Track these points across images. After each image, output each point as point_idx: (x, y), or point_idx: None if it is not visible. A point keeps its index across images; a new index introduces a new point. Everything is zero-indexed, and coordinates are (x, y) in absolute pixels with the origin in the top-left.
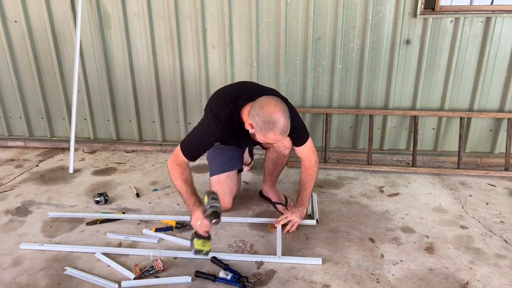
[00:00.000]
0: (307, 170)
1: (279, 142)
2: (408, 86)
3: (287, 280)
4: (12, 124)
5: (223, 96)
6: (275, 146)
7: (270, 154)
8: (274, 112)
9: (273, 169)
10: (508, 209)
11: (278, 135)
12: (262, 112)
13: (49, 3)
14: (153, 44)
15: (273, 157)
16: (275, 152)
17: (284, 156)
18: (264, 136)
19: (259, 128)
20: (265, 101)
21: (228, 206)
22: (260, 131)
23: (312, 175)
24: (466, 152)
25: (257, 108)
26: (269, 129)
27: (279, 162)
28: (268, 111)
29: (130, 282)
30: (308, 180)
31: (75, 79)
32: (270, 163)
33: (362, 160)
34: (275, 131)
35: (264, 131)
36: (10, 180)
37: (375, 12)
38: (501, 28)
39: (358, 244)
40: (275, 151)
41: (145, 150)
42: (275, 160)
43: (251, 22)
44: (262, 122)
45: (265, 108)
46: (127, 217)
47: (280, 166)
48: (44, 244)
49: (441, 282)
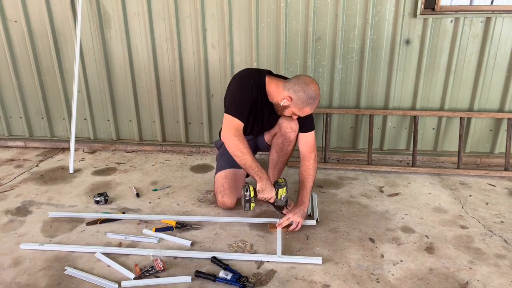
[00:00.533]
0: (306, 163)
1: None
2: (408, 86)
3: (287, 280)
4: (12, 124)
5: (254, 70)
6: (282, 128)
7: (276, 139)
8: (316, 89)
9: (277, 159)
10: (508, 209)
11: (312, 110)
12: (307, 88)
13: (49, 3)
14: (153, 44)
15: (279, 142)
16: (281, 136)
17: (290, 142)
18: (300, 110)
19: (301, 102)
20: (309, 80)
21: (232, 205)
22: (300, 105)
23: (311, 169)
24: (466, 152)
25: (302, 84)
26: (309, 103)
27: (284, 150)
28: (312, 88)
29: (130, 282)
30: (307, 174)
31: (75, 79)
32: (275, 152)
33: (362, 160)
34: (313, 106)
35: (304, 105)
36: (10, 180)
37: (375, 12)
38: (501, 28)
39: (358, 244)
40: (282, 134)
41: (145, 150)
42: (281, 146)
43: (251, 22)
44: (306, 97)
45: (310, 85)
46: (127, 217)
47: (285, 156)
48: (44, 244)
49: (441, 282)
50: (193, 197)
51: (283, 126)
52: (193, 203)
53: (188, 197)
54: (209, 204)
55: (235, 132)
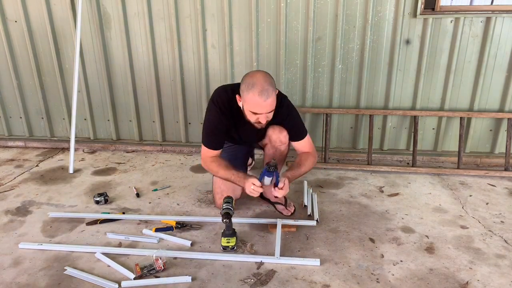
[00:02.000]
0: (303, 154)
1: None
2: (408, 86)
3: (287, 280)
4: (12, 124)
5: (222, 87)
6: (272, 141)
7: (267, 151)
8: (255, 75)
9: None
10: (508, 209)
11: (257, 96)
12: (245, 78)
13: (49, 3)
14: (153, 44)
15: (270, 154)
16: (272, 148)
17: (281, 153)
18: (247, 102)
19: (243, 93)
20: (252, 71)
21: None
22: (244, 97)
23: (310, 159)
24: (466, 152)
25: (244, 77)
26: (249, 90)
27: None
28: (250, 75)
29: (130, 282)
30: (304, 159)
31: (75, 79)
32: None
33: (362, 160)
34: (254, 90)
35: (245, 94)
36: (10, 180)
37: (375, 12)
38: (501, 28)
39: (358, 244)
40: (272, 146)
41: (145, 150)
42: (273, 155)
43: (251, 22)
44: (245, 85)
45: (248, 74)
46: (127, 218)
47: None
48: (43, 244)
49: (441, 282)
50: (193, 197)
51: (272, 140)
52: (193, 203)
53: (188, 197)
54: (209, 204)
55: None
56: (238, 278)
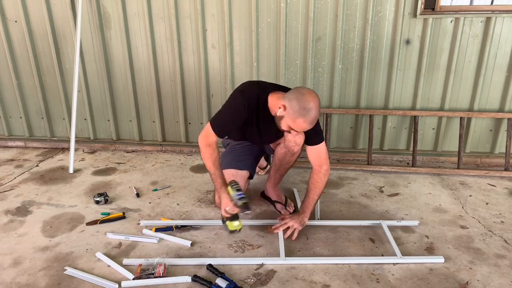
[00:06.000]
0: (314, 176)
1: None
2: (408, 86)
3: (287, 280)
4: (12, 124)
5: (253, 82)
6: (286, 141)
7: (279, 149)
8: (312, 101)
9: (279, 165)
10: (508, 209)
11: (306, 124)
12: (302, 98)
13: (49, 3)
14: (153, 44)
15: (281, 153)
16: (284, 148)
17: (293, 154)
18: (293, 121)
19: (293, 111)
20: (307, 90)
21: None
22: (292, 115)
23: (319, 183)
24: (466, 152)
25: (298, 93)
26: (302, 115)
27: (286, 160)
28: (307, 99)
29: (130, 282)
30: (314, 187)
31: (75, 79)
32: (277, 159)
33: (362, 160)
34: (306, 118)
35: (296, 115)
36: (10, 180)
37: (375, 12)
38: (501, 28)
39: (358, 244)
40: (285, 146)
41: (145, 150)
42: (283, 156)
43: (251, 22)
44: (298, 106)
45: (306, 95)
46: (206, 224)
47: (286, 165)
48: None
49: (441, 282)
50: (193, 197)
51: (287, 139)
52: (193, 203)
53: (188, 197)
54: (209, 204)
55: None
56: (238, 278)
